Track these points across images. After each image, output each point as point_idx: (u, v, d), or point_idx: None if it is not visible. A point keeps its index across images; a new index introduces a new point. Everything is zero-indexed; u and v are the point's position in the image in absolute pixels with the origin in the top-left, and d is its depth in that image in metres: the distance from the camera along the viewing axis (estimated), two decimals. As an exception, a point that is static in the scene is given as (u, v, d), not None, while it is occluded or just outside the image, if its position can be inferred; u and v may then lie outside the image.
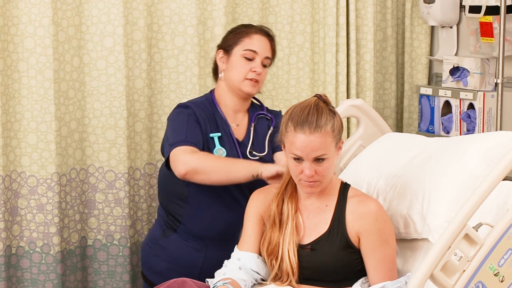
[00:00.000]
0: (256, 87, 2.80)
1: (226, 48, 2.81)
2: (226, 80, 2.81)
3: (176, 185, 2.76)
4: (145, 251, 2.91)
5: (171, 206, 2.82)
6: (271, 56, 2.84)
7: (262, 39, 2.81)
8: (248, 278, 2.44)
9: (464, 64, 3.40)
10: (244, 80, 2.77)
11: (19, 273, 3.11)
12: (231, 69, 2.79)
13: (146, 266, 2.89)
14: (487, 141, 2.57)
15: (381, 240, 2.38)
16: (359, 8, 3.52)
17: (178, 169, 2.63)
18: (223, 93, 2.84)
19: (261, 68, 2.78)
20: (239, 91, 2.80)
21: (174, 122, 2.76)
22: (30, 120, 3.05)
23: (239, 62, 2.78)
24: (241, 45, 2.78)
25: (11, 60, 3.02)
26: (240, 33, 2.81)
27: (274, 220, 2.46)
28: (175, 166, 2.64)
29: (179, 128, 2.72)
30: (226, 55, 2.81)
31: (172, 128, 2.74)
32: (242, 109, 2.87)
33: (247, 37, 2.79)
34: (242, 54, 2.77)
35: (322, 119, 2.33)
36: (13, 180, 3.07)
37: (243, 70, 2.77)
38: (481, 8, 3.21)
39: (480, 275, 2.11)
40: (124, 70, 3.16)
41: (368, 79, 3.54)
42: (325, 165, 2.35)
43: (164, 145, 2.75)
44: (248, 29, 2.82)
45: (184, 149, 2.65)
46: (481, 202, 2.10)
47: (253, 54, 2.78)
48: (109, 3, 3.13)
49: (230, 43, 2.81)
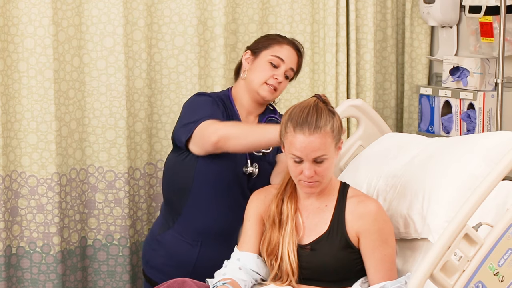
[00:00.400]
0: (274, 95, 2.81)
1: (255, 50, 2.82)
2: (246, 80, 2.82)
3: (182, 175, 2.76)
4: (145, 246, 2.92)
5: (173, 196, 2.82)
6: (296, 69, 2.84)
7: (292, 51, 2.82)
8: (248, 278, 2.44)
9: (464, 64, 3.40)
10: (263, 84, 2.78)
11: (19, 273, 3.11)
12: (254, 71, 2.80)
13: (144, 261, 2.90)
14: (487, 141, 2.57)
15: (381, 240, 2.39)
16: (359, 8, 3.52)
17: (208, 139, 2.61)
18: (240, 92, 2.85)
19: (283, 77, 2.78)
20: (256, 94, 2.80)
21: (196, 103, 2.75)
22: (30, 120, 3.05)
23: (264, 65, 2.79)
24: (270, 50, 2.79)
25: (11, 60, 3.02)
26: (272, 39, 2.82)
27: (274, 220, 2.46)
28: (204, 138, 2.63)
29: (203, 107, 2.72)
30: (253, 56, 2.82)
31: (193, 108, 2.73)
32: (255, 112, 2.88)
33: (278, 44, 2.80)
34: (269, 59, 2.78)
35: (321, 120, 2.33)
36: (13, 180, 3.07)
37: (265, 74, 2.78)
38: (481, 8, 3.21)
39: (480, 275, 2.11)
40: (124, 70, 3.16)
41: (368, 79, 3.55)
42: (324, 166, 2.35)
43: (180, 128, 2.73)
44: (281, 38, 2.83)
45: (211, 121, 2.64)
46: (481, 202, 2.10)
47: (279, 62, 2.78)
48: (109, 3, 3.13)
49: (259, 46, 2.82)
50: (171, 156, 2.84)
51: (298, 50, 2.84)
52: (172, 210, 2.82)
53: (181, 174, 2.77)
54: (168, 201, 2.86)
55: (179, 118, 2.79)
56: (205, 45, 3.30)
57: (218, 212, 2.76)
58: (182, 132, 2.72)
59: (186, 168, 2.75)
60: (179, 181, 2.79)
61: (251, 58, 2.83)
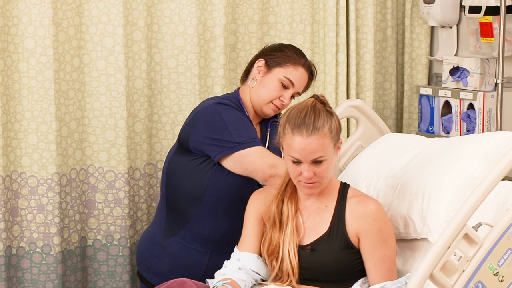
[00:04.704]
0: (276, 113, 2.82)
1: (269, 63, 2.79)
2: (253, 91, 2.80)
3: (194, 182, 2.72)
4: (143, 252, 2.87)
5: (182, 204, 2.77)
6: (302, 92, 2.84)
7: (305, 75, 2.80)
8: (248, 279, 2.44)
9: (464, 64, 3.40)
10: (269, 103, 2.78)
11: (19, 274, 3.11)
12: (263, 86, 2.78)
13: (145, 267, 2.85)
14: (487, 141, 2.57)
15: (381, 240, 2.39)
16: (359, 8, 3.52)
17: (263, 170, 2.60)
18: (246, 99, 2.82)
19: (289, 100, 2.78)
20: (259, 109, 2.80)
21: (228, 118, 2.68)
22: (31, 120, 3.05)
23: (274, 84, 2.77)
24: (285, 70, 2.77)
25: (11, 60, 3.02)
26: (289, 58, 2.78)
27: (274, 220, 2.46)
28: (256, 167, 2.61)
29: (239, 125, 2.68)
30: (266, 68, 2.79)
31: (225, 124, 2.67)
32: (258, 119, 2.87)
33: (293, 66, 2.77)
34: (281, 79, 2.76)
35: (319, 121, 2.32)
36: (13, 181, 3.07)
37: (273, 94, 2.77)
38: (481, 8, 3.21)
39: (480, 275, 2.11)
40: (124, 70, 3.16)
41: (368, 79, 3.55)
42: (323, 167, 2.35)
43: (211, 143, 2.66)
44: (298, 59, 2.79)
45: (263, 151, 2.63)
46: (480, 202, 2.10)
47: (290, 85, 2.77)
48: (109, 3, 3.13)
49: (276, 61, 2.78)
50: (178, 158, 2.78)
51: (311, 74, 2.83)
52: (178, 217, 2.78)
53: (192, 181, 2.73)
54: (173, 207, 2.80)
55: (201, 128, 2.70)
56: (205, 45, 3.30)
57: (229, 223, 2.73)
58: (215, 148, 2.66)
59: (198, 175, 2.71)
60: (190, 188, 2.74)
61: (263, 70, 2.79)
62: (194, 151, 2.71)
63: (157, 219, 2.88)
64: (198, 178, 2.71)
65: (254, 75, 2.81)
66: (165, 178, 2.84)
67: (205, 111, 2.73)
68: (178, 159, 2.78)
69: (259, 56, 2.84)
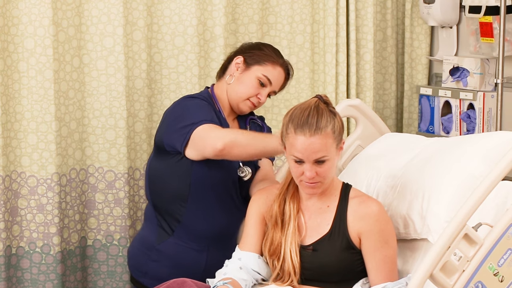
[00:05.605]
0: (252, 110, 2.84)
1: (248, 60, 2.81)
2: (230, 87, 2.81)
3: (177, 182, 2.73)
4: (137, 257, 2.84)
5: (169, 206, 2.77)
6: (277, 91, 2.86)
7: (282, 74, 2.83)
8: (248, 278, 2.44)
9: (464, 64, 3.40)
10: (246, 100, 2.79)
11: (19, 274, 3.11)
12: (241, 83, 2.80)
13: (141, 273, 2.82)
14: (487, 141, 2.57)
15: (382, 241, 2.39)
16: (359, 8, 3.52)
17: (212, 144, 2.57)
18: (222, 96, 2.84)
19: (265, 98, 2.81)
20: (235, 105, 2.82)
21: (190, 106, 2.71)
22: (30, 120, 3.05)
23: (252, 81, 2.78)
24: (263, 68, 2.79)
25: (11, 60, 3.02)
26: (268, 57, 2.80)
27: (276, 220, 2.46)
28: (206, 143, 2.58)
29: (198, 110, 2.69)
30: (245, 65, 2.80)
31: (187, 111, 2.69)
32: (234, 115, 2.88)
33: (272, 65, 2.80)
34: (259, 76, 2.78)
35: (322, 121, 2.33)
36: (13, 180, 3.07)
37: (250, 91, 2.78)
38: (481, 8, 3.21)
39: (480, 275, 2.11)
40: (124, 70, 3.16)
41: (368, 79, 3.54)
42: (326, 167, 2.35)
43: (174, 132, 2.67)
44: (277, 58, 2.82)
45: (212, 126, 2.62)
46: (480, 202, 2.10)
47: (268, 83, 2.79)
48: (109, 3, 3.13)
49: (254, 59, 2.80)
50: (157, 162, 2.78)
51: (288, 74, 2.86)
52: (169, 218, 2.77)
53: (175, 181, 2.73)
54: (161, 210, 2.79)
55: (168, 122, 2.73)
56: (205, 45, 3.30)
57: (221, 216, 2.74)
58: (178, 136, 2.66)
59: (180, 175, 2.71)
60: (173, 188, 2.74)
61: (242, 67, 2.81)
62: (169, 148, 2.71)
63: (148, 224, 2.86)
64: (180, 178, 2.71)
65: (232, 71, 2.82)
66: (148, 184, 2.85)
67: (172, 106, 2.78)
68: (158, 164, 2.79)
69: (237, 53, 2.86)
